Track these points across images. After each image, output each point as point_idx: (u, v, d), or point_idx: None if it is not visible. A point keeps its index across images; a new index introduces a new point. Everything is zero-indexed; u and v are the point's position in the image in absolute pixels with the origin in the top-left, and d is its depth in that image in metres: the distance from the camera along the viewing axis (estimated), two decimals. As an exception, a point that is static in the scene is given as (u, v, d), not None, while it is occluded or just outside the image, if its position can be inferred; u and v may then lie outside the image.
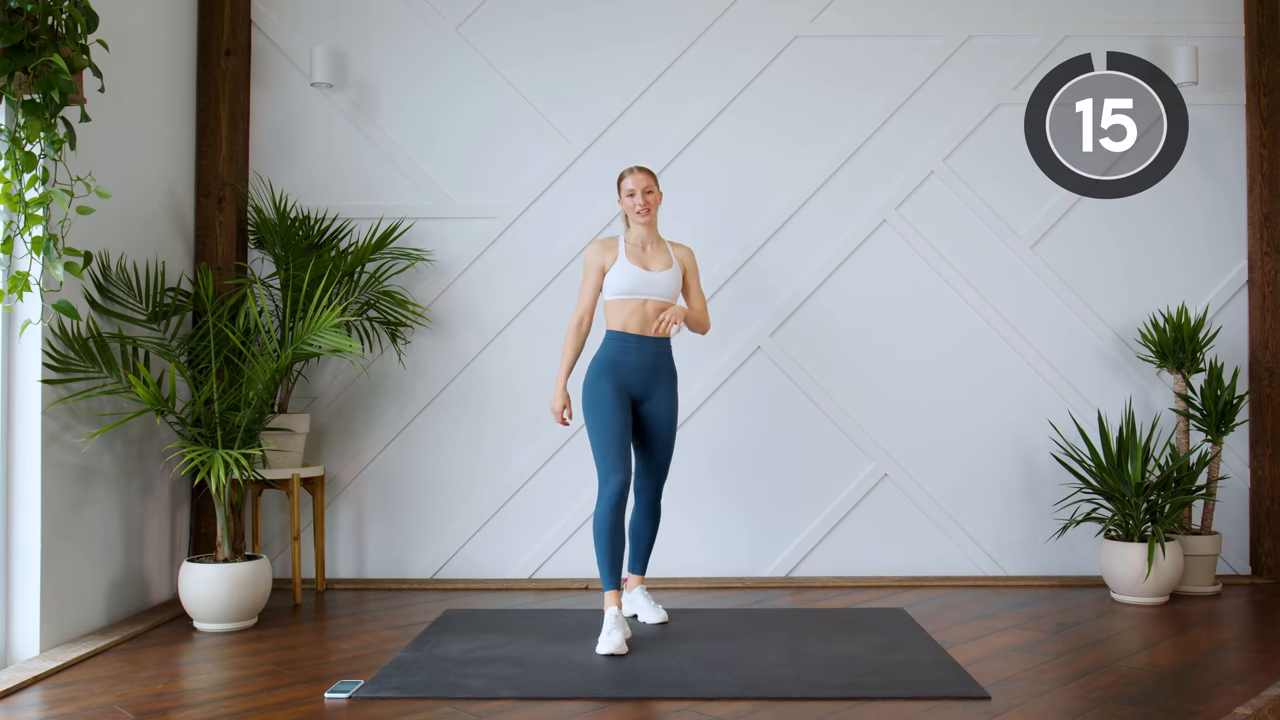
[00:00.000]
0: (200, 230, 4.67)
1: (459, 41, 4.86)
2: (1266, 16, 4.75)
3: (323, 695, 3.09)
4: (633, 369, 3.79)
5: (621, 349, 3.79)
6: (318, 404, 4.78)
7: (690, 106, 4.85)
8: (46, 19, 3.29)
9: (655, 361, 3.83)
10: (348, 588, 4.67)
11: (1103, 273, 4.83)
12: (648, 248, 3.88)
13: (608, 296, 3.84)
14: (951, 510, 4.79)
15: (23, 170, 3.32)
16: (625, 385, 3.78)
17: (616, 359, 3.79)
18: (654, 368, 3.83)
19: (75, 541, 3.75)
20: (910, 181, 4.84)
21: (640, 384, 3.81)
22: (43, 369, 3.58)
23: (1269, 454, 4.73)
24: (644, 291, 3.80)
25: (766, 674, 3.27)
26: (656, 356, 3.84)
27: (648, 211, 3.84)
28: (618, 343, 3.80)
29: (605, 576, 3.66)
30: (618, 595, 3.64)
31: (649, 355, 3.81)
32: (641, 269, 3.81)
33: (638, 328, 3.79)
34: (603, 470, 3.70)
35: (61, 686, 3.22)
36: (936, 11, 4.87)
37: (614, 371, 3.78)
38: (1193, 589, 4.42)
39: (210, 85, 4.68)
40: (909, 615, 4.06)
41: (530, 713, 2.95)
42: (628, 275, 3.79)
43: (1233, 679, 3.23)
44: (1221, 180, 4.84)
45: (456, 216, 4.84)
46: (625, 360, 3.79)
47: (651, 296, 3.80)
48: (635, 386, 3.80)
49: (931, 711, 2.92)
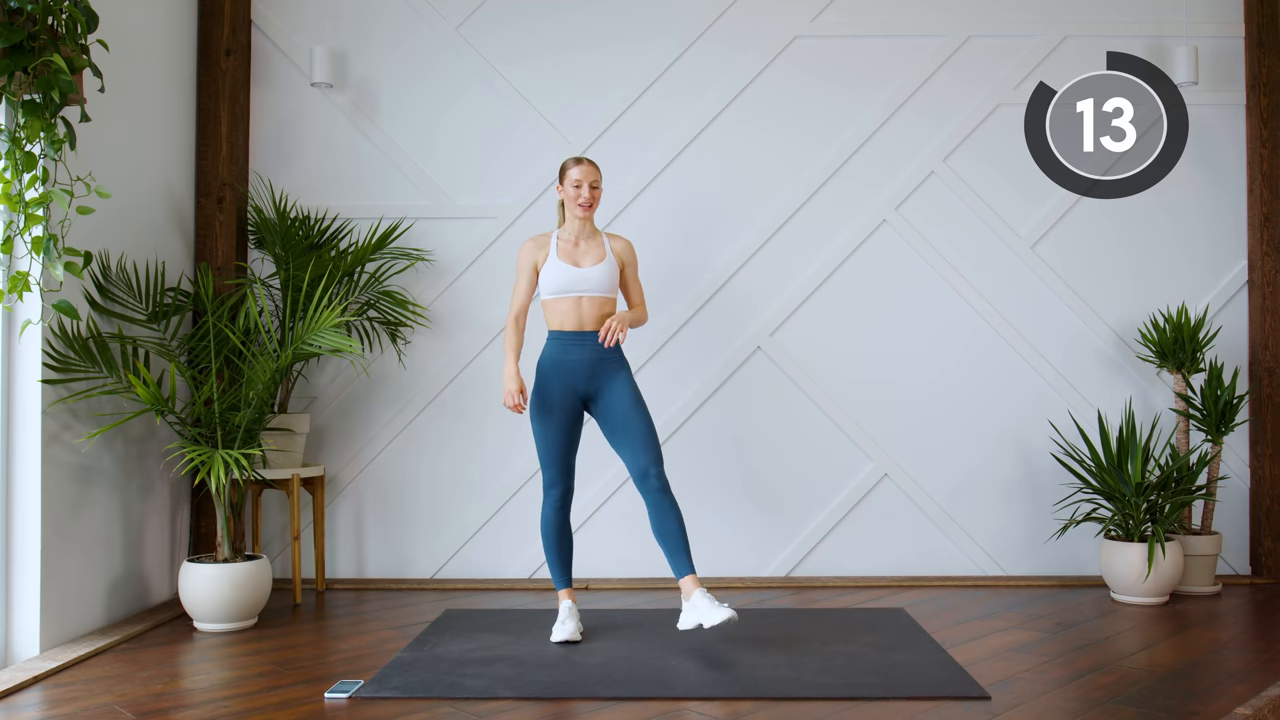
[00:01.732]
0: (200, 230, 4.67)
1: (459, 41, 4.86)
2: (1266, 16, 4.75)
3: (323, 695, 3.09)
4: (576, 366, 3.72)
5: (562, 348, 3.74)
6: (318, 404, 4.78)
7: (691, 106, 4.85)
8: (46, 19, 3.29)
9: (597, 355, 3.73)
10: (348, 588, 4.67)
11: (1103, 273, 4.83)
12: (581, 243, 3.80)
13: (543, 296, 3.79)
14: (951, 510, 4.79)
15: (23, 170, 3.32)
16: (571, 386, 3.72)
17: (558, 358, 3.73)
18: (597, 362, 3.73)
19: (75, 541, 3.75)
20: (910, 181, 4.84)
21: (586, 380, 3.73)
22: (43, 369, 3.58)
23: (1269, 454, 4.73)
24: (577, 289, 3.73)
25: (766, 674, 3.27)
26: (598, 351, 3.74)
27: (591, 206, 3.79)
28: (557, 342, 3.75)
29: (555, 577, 3.82)
30: (571, 592, 3.82)
31: (589, 351, 3.73)
32: (572, 266, 3.75)
33: (574, 325, 3.73)
34: (545, 479, 3.79)
35: (61, 686, 3.22)
36: (936, 11, 4.87)
37: (557, 373, 3.73)
38: (1193, 589, 4.42)
39: (210, 85, 4.68)
40: (909, 615, 4.06)
41: (530, 713, 2.95)
42: (558, 273, 3.74)
43: (1233, 679, 3.23)
44: (1221, 180, 4.84)
45: (456, 216, 4.84)
46: (567, 359, 3.73)
47: (585, 293, 3.74)
48: (581, 384, 3.73)
49: (931, 711, 2.92)
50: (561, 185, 3.83)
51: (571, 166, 3.80)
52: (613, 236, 3.90)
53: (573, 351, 3.74)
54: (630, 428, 3.71)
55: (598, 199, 3.81)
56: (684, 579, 3.60)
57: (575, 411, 3.77)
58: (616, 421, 3.74)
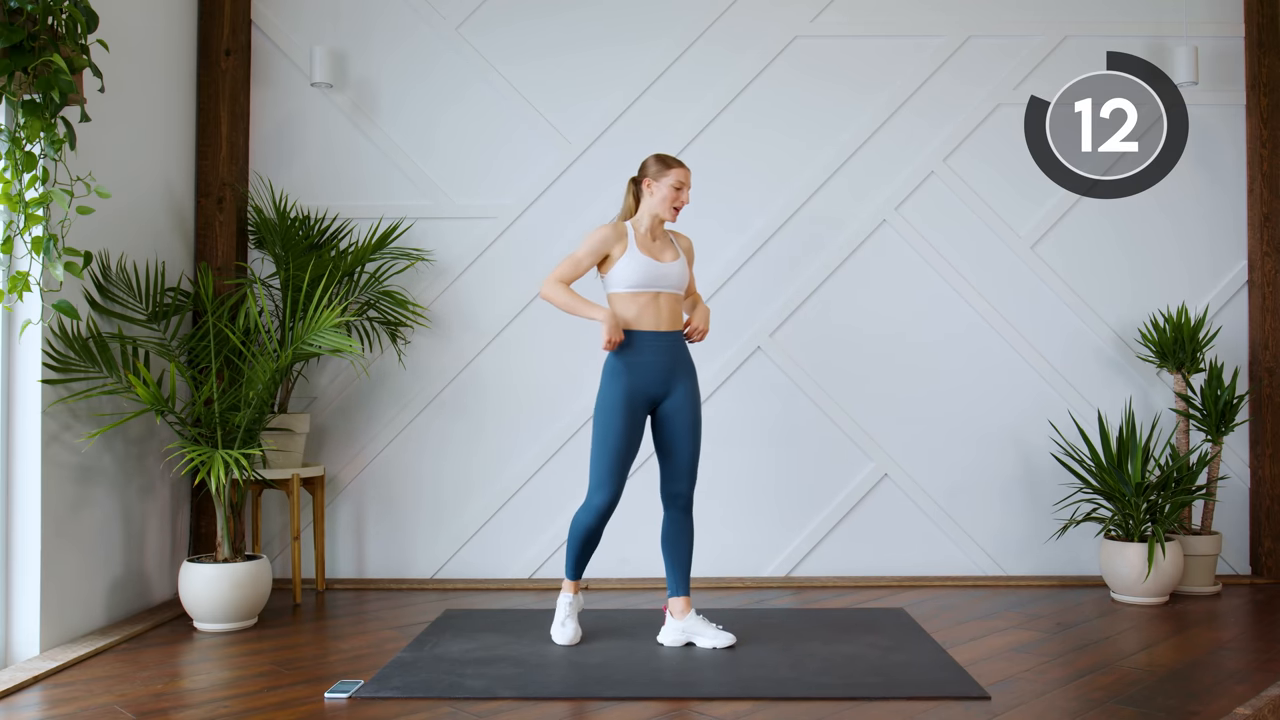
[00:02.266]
0: (200, 230, 4.67)
1: (459, 41, 4.86)
2: (1266, 16, 4.75)
3: (323, 695, 3.09)
4: (652, 368, 3.57)
5: (637, 348, 3.56)
6: (318, 404, 4.78)
7: (690, 106, 4.85)
8: (46, 19, 3.29)
9: (673, 357, 3.62)
10: (348, 588, 4.67)
11: (1103, 273, 4.83)
12: (656, 239, 3.66)
13: (616, 289, 3.60)
14: (951, 510, 4.79)
15: (23, 170, 3.32)
16: (645, 389, 3.57)
17: (633, 359, 3.55)
18: (672, 364, 3.61)
19: (75, 541, 3.75)
20: (910, 181, 4.84)
21: (661, 384, 3.60)
22: (43, 369, 3.58)
23: (1269, 454, 4.73)
24: (658, 284, 3.58)
25: (766, 674, 3.27)
26: (674, 351, 3.62)
27: (678, 211, 3.68)
28: (633, 342, 3.57)
29: (571, 567, 3.71)
30: (578, 585, 3.75)
31: (665, 351, 3.59)
32: (655, 260, 3.59)
33: (652, 323, 3.58)
34: (595, 479, 3.57)
35: (61, 686, 3.22)
36: (936, 11, 4.87)
37: (631, 373, 3.55)
38: (1193, 589, 4.42)
39: (210, 85, 4.68)
40: (909, 615, 4.06)
41: (530, 713, 2.95)
42: (641, 266, 3.55)
43: (1233, 679, 3.23)
44: (1221, 180, 4.84)
45: (456, 216, 4.84)
46: (643, 360, 3.56)
47: (665, 289, 3.60)
48: (654, 386, 3.59)
49: (931, 711, 2.92)
50: (651, 180, 3.64)
51: (675, 167, 3.63)
52: (677, 235, 3.78)
53: (649, 352, 3.57)
54: (680, 449, 3.65)
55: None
56: (679, 599, 3.66)
57: (644, 414, 3.62)
58: (672, 436, 3.65)
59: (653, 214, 3.66)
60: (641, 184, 3.69)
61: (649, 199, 3.66)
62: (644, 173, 3.69)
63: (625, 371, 3.56)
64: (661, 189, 3.63)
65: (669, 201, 3.63)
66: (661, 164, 3.65)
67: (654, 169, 3.66)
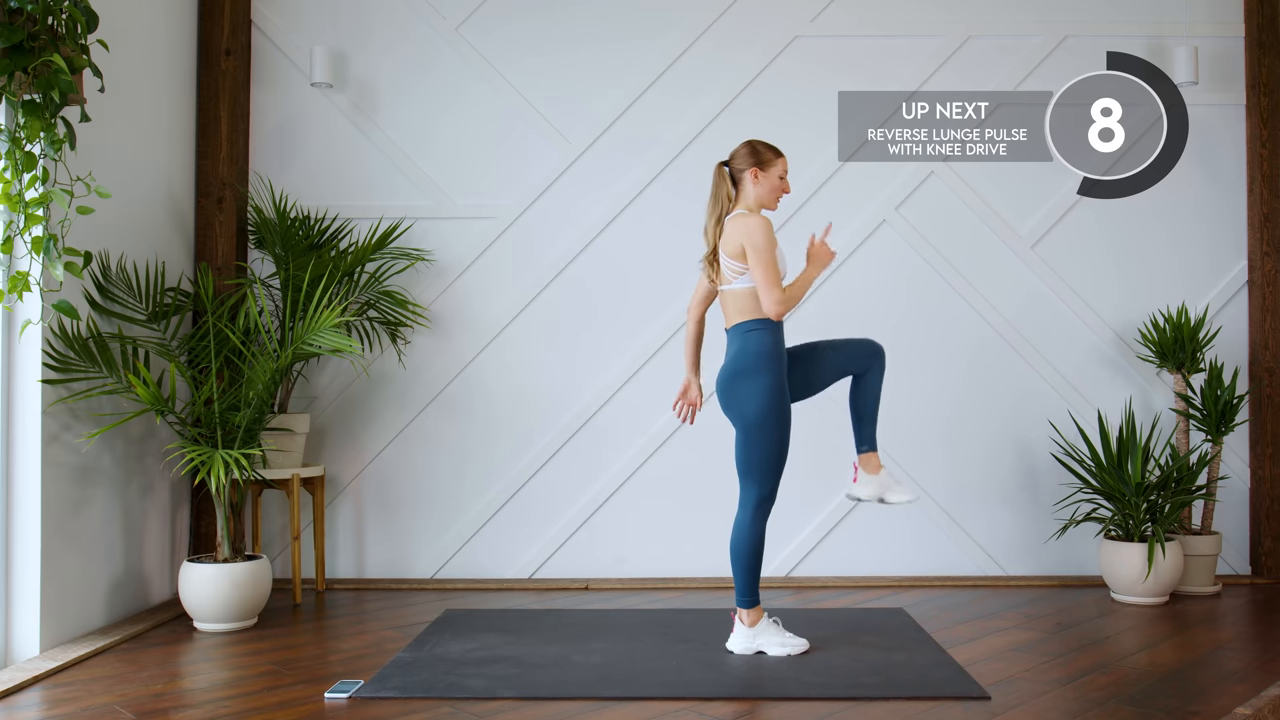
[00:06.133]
0: (200, 230, 4.67)
1: (459, 41, 4.86)
2: (1266, 16, 4.75)
3: (323, 695, 3.09)
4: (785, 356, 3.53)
5: (779, 338, 3.48)
6: (318, 404, 4.78)
7: (691, 106, 4.85)
8: (46, 19, 3.29)
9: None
10: (348, 588, 4.67)
11: (1103, 273, 4.83)
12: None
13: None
14: (951, 510, 4.79)
15: (23, 170, 3.32)
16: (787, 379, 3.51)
17: (781, 353, 3.47)
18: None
19: (75, 542, 3.75)
20: (910, 181, 4.84)
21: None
22: (43, 369, 3.58)
23: (1269, 454, 4.73)
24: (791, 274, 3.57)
25: (766, 674, 3.27)
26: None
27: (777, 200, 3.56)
28: (778, 333, 3.47)
29: (754, 591, 3.53)
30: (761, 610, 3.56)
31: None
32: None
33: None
34: (764, 489, 3.46)
35: (61, 686, 3.22)
36: (936, 11, 4.87)
37: (782, 363, 3.47)
38: (1193, 589, 4.42)
39: (210, 85, 4.68)
40: (909, 615, 4.06)
41: (530, 713, 2.95)
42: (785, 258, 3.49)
43: (1233, 679, 3.23)
44: (1221, 180, 4.84)
45: (456, 216, 4.84)
46: (783, 350, 3.50)
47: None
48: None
49: (931, 711, 2.92)
50: (759, 170, 3.48)
51: (782, 156, 3.53)
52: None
53: (784, 342, 3.53)
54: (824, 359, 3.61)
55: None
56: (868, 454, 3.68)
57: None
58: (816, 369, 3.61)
59: (760, 202, 3.53)
60: (747, 173, 3.51)
61: (756, 188, 3.51)
62: (750, 161, 3.51)
63: (780, 368, 3.47)
64: (771, 178, 3.50)
65: (778, 191, 3.53)
66: (772, 152, 3.52)
67: (765, 156, 3.51)
